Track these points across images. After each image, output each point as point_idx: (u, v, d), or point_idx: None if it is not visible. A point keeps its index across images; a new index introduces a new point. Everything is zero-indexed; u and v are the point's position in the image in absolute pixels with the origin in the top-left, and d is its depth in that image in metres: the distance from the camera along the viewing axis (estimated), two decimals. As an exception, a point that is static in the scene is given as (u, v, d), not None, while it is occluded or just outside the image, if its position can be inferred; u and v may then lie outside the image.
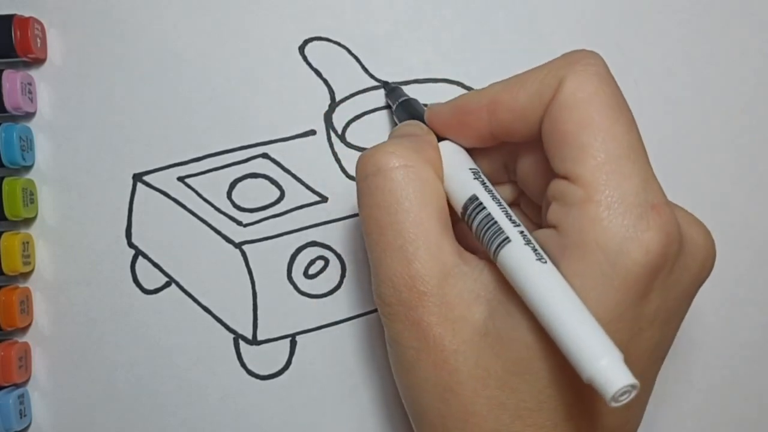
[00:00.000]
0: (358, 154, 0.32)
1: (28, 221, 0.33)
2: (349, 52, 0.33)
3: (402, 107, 0.30)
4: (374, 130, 0.33)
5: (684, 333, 0.33)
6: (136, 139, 0.33)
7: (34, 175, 0.33)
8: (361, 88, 0.33)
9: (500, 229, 0.23)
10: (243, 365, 0.33)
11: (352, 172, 0.33)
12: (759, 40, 0.33)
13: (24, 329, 0.33)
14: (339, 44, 0.33)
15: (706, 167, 0.33)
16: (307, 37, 0.33)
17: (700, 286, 0.25)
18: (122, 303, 0.32)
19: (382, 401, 0.33)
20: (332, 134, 0.33)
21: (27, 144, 0.32)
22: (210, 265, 0.32)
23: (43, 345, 0.33)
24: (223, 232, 0.32)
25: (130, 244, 0.33)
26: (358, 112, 0.33)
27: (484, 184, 0.25)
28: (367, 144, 0.33)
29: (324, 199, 0.33)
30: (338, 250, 0.32)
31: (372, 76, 0.33)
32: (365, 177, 0.25)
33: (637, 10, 0.33)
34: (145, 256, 0.33)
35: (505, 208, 0.24)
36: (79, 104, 0.33)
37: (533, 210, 0.28)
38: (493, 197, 0.25)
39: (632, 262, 0.22)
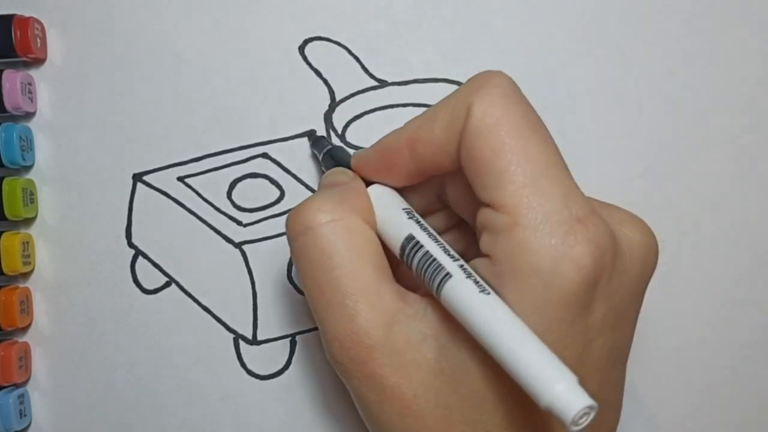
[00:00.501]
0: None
1: (28, 221, 0.33)
2: (349, 52, 0.33)
3: (328, 156, 0.30)
4: (374, 130, 0.33)
5: (684, 333, 0.33)
6: (136, 139, 0.33)
7: (34, 175, 0.33)
8: (361, 88, 0.33)
9: (440, 265, 0.23)
10: (243, 365, 0.33)
11: (352, 172, 0.33)
12: (759, 40, 0.33)
13: (24, 329, 0.33)
14: (339, 44, 0.33)
15: (706, 167, 0.33)
16: (307, 37, 0.33)
17: (647, 282, 0.25)
18: (122, 303, 0.32)
19: (382, 401, 0.33)
20: (332, 134, 0.33)
21: (27, 144, 0.32)
22: (210, 265, 0.32)
23: (43, 345, 0.33)
24: (223, 232, 0.32)
25: (130, 244, 0.33)
26: (358, 112, 0.33)
27: (419, 222, 0.25)
28: (367, 144, 0.33)
29: (324, 199, 0.32)
30: (338, 250, 0.32)
31: (372, 76, 0.33)
32: (295, 237, 0.25)
33: (637, 10, 0.33)
34: (145, 256, 0.33)
35: (442, 244, 0.24)
36: (79, 104, 0.33)
37: (471, 234, 0.27)
38: (429, 234, 0.24)
39: (567, 281, 0.22)
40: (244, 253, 0.32)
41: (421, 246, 0.24)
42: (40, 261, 0.33)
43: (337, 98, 0.33)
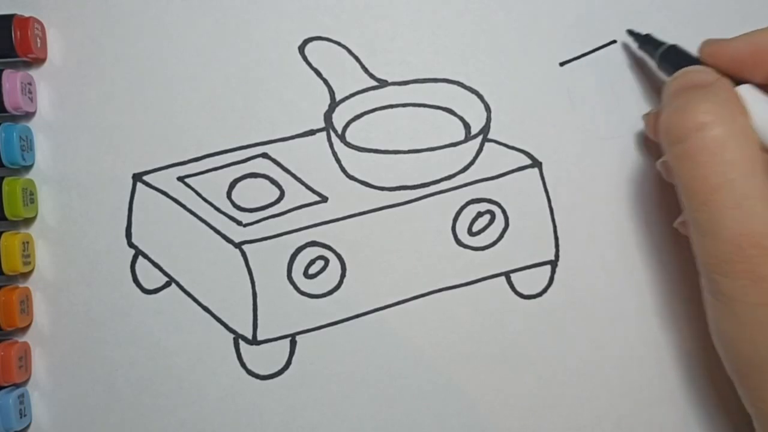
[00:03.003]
0: (358, 154, 0.32)
1: (28, 221, 0.33)
2: (349, 52, 0.33)
3: (670, 55, 0.29)
4: (374, 130, 0.33)
5: (683, 333, 0.33)
6: (136, 139, 0.33)
7: (34, 175, 0.33)
8: (361, 88, 0.33)
9: None
10: (243, 365, 0.32)
11: (352, 172, 0.33)
12: (759, 40, 0.33)
13: (24, 329, 0.33)
14: (339, 44, 0.33)
15: (706, 167, 0.33)
16: (307, 37, 0.33)
17: None
18: (122, 303, 0.32)
19: (382, 401, 0.33)
20: (332, 134, 0.33)
21: (27, 144, 0.32)
22: (210, 265, 0.32)
23: (43, 345, 0.33)
24: (223, 232, 0.32)
25: (130, 244, 0.33)
26: (358, 112, 0.33)
27: None
28: (367, 144, 0.33)
29: (324, 199, 0.32)
30: (338, 250, 0.32)
31: (372, 76, 0.33)
32: (679, 140, 0.25)
33: (637, 10, 0.33)
34: (145, 256, 0.33)
35: None
36: (79, 104, 0.33)
37: None
38: None
39: None
40: (244, 253, 0.32)
41: None
42: (40, 261, 0.33)
43: (337, 98, 0.33)
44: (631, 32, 0.32)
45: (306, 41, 0.33)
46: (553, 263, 0.33)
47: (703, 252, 0.25)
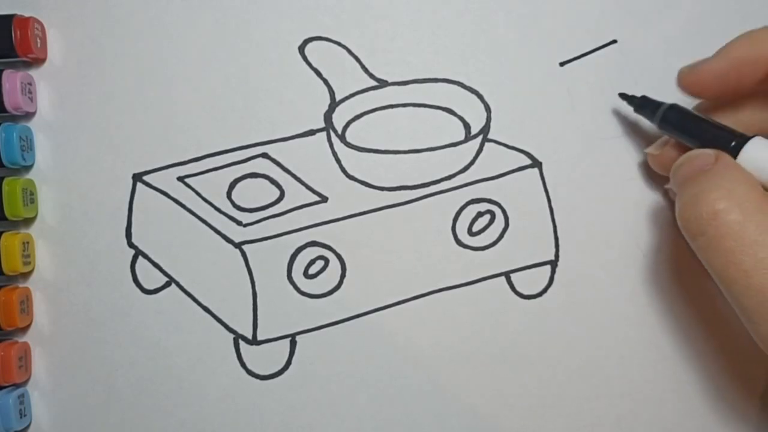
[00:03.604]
0: (358, 154, 0.32)
1: (28, 221, 0.33)
2: (349, 52, 0.33)
3: (670, 117, 0.29)
4: (374, 130, 0.33)
5: (683, 333, 0.33)
6: (136, 139, 0.33)
7: (34, 175, 0.33)
8: (361, 88, 0.33)
9: None
10: (243, 365, 0.33)
11: (352, 172, 0.33)
12: (759, 40, 0.33)
13: (24, 329, 0.33)
14: (339, 44, 0.33)
15: (706, 167, 0.33)
16: (307, 37, 0.33)
17: None
18: (122, 303, 0.32)
19: (382, 401, 0.33)
20: (332, 134, 0.33)
21: (27, 144, 0.32)
22: (210, 265, 0.32)
23: (43, 345, 0.33)
24: (223, 232, 0.32)
25: (130, 244, 0.33)
26: (358, 112, 0.33)
27: None
28: (367, 144, 0.33)
29: (324, 199, 0.32)
30: (338, 250, 0.32)
31: (372, 76, 0.33)
32: (701, 233, 0.25)
33: (637, 10, 0.33)
34: (145, 256, 0.33)
35: None
36: (79, 104, 0.33)
37: None
38: None
39: None
40: (244, 253, 0.32)
41: None
42: (40, 261, 0.33)
43: (337, 98, 0.33)
44: (624, 96, 0.31)
45: (306, 41, 0.33)
46: (553, 263, 0.33)
47: (760, 338, 0.25)
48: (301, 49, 0.33)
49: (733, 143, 0.27)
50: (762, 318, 0.24)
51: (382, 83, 0.33)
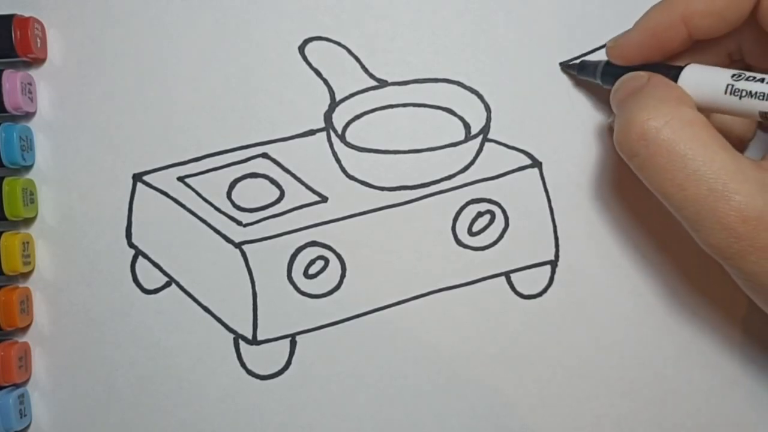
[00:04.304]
0: (358, 154, 0.32)
1: (28, 221, 0.33)
2: (349, 52, 0.33)
3: (607, 70, 0.30)
4: (374, 130, 0.33)
5: (683, 332, 0.33)
6: (136, 139, 0.33)
7: (34, 175, 0.33)
8: (361, 88, 0.33)
9: None
10: (243, 365, 0.33)
11: (352, 172, 0.33)
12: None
13: (24, 329, 0.33)
14: (339, 44, 0.33)
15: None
16: (307, 37, 0.33)
17: None
18: (122, 303, 0.32)
19: (382, 401, 0.33)
20: (332, 134, 0.33)
21: (27, 144, 0.32)
22: (210, 265, 0.32)
23: (43, 345, 0.33)
24: (223, 232, 0.32)
25: (130, 244, 0.33)
26: (358, 112, 0.33)
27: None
28: (367, 144, 0.33)
29: (324, 199, 0.32)
30: (338, 250, 0.32)
31: (372, 76, 0.33)
32: (636, 153, 0.26)
33: (637, 10, 0.33)
34: (145, 256, 0.33)
35: None
36: (79, 104, 0.33)
37: None
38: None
39: None
40: (244, 253, 0.32)
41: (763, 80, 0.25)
42: (40, 261, 0.33)
43: (337, 98, 0.33)
44: (565, 65, 0.33)
45: (306, 41, 0.33)
46: (553, 263, 0.33)
47: (707, 247, 0.26)
48: (301, 49, 0.33)
49: (671, 73, 0.28)
50: (701, 225, 0.26)
51: (382, 83, 0.33)
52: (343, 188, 0.32)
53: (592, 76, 0.31)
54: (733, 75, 0.26)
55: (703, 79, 0.27)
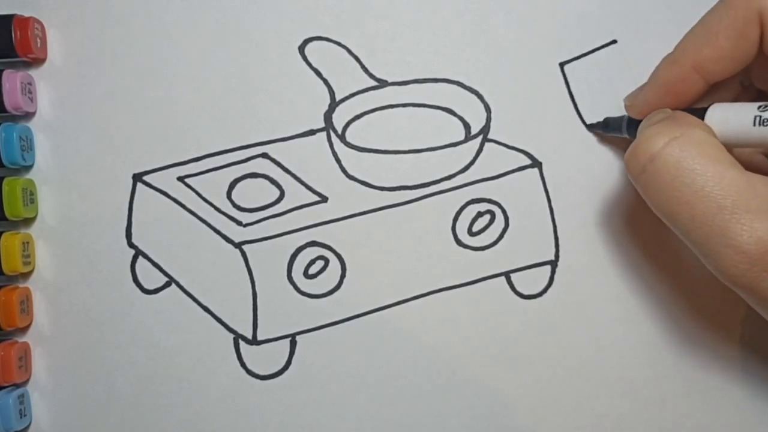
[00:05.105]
0: (358, 154, 0.32)
1: (28, 221, 0.33)
2: (349, 52, 0.33)
3: (632, 122, 0.30)
4: (374, 130, 0.33)
5: (683, 332, 0.33)
6: (136, 139, 0.33)
7: (34, 175, 0.33)
8: (361, 88, 0.33)
9: None
10: (243, 365, 0.33)
11: (352, 172, 0.33)
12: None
13: (24, 329, 0.33)
14: (339, 44, 0.33)
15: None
16: (307, 37, 0.33)
17: None
18: (122, 303, 0.32)
19: (382, 401, 0.33)
20: (332, 134, 0.33)
21: (27, 144, 0.32)
22: (210, 265, 0.32)
23: (43, 345, 0.33)
24: (223, 232, 0.32)
25: (130, 244, 0.33)
26: (358, 112, 0.33)
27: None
28: (367, 144, 0.33)
29: (324, 199, 0.33)
30: (338, 250, 0.32)
31: (372, 76, 0.33)
32: (642, 171, 0.25)
33: (637, 10, 0.33)
34: (145, 256, 0.33)
35: None
36: (79, 104, 0.33)
37: None
38: None
39: None
40: (244, 253, 0.32)
41: None
42: (40, 261, 0.33)
43: (337, 98, 0.33)
44: (591, 126, 0.32)
45: (306, 41, 0.33)
46: (553, 263, 0.33)
47: (719, 273, 0.25)
48: (301, 49, 0.33)
49: (695, 115, 0.28)
50: (711, 249, 0.24)
51: (382, 83, 0.33)
52: (343, 188, 0.32)
53: (618, 131, 0.31)
54: (760, 106, 0.26)
55: (729, 116, 0.26)
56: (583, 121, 0.33)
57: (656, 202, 0.26)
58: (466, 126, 0.33)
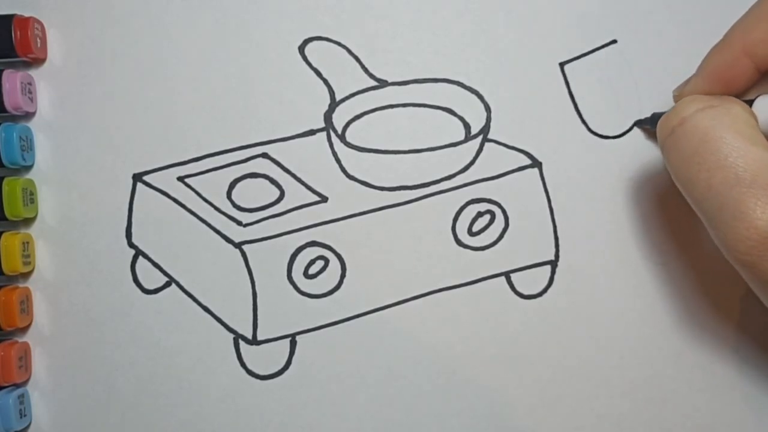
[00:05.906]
0: (358, 154, 0.32)
1: (28, 221, 0.33)
2: (349, 52, 0.33)
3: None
4: (374, 130, 0.33)
5: (683, 332, 0.33)
6: (136, 139, 0.33)
7: (34, 175, 0.33)
8: (361, 88, 0.33)
9: None
10: (243, 365, 0.33)
11: (352, 171, 0.33)
12: (759, 40, 0.33)
13: (24, 329, 0.33)
14: (339, 44, 0.33)
15: (706, 167, 0.33)
16: (307, 37, 0.33)
17: None
18: (122, 303, 0.32)
19: (382, 401, 0.33)
20: (332, 134, 0.33)
21: (27, 144, 0.32)
22: (210, 265, 0.32)
23: (43, 345, 0.33)
24: (223, 232, 0.32)
25: (130, 244, 0.33)
26: (358, 112, 0.33)
27: None
28: (367, 144, 0.33)
29: (324, 199, 0.33)
30: (338, 250, 0.32)
31: (372, 76, 0.33)
32: (671, 133, 0.25)
33: (637, 10, 0.33)
34: (145, 256, 0.33)
35: None
36: (79, 104, 0.33)
37: None
38: None
39: None
40: (244, 253, 0.32)
41: None
42: (40, 261, 0.33)
43: (337, 98, 0.33)
44: (639, 122, 0.32)
45: (306, 41, 0.33)
46: (553, 263, 0.33)
47: (725, 248, 0.24)
48: (301, 49, 0.33)
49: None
50: (722, 222, 0.24)
51: (382, 83, 0.33)
52: (343, 188, 0.33)
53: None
54: None
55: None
56: (583, 121, 0.33)
57: (676, 166, 0.25)
58: (466, 126, 0.33)
